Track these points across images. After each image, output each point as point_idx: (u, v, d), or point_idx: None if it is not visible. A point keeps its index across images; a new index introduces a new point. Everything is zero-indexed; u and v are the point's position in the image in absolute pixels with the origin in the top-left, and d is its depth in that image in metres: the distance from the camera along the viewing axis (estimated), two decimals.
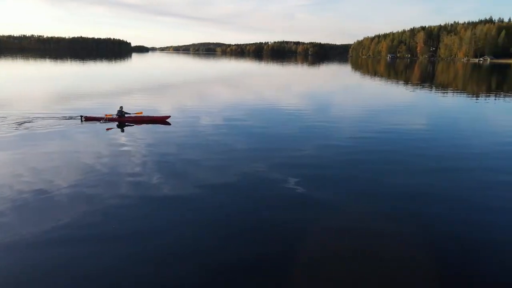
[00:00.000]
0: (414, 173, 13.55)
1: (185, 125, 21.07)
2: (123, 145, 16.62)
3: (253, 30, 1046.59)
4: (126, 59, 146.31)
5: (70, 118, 21.56)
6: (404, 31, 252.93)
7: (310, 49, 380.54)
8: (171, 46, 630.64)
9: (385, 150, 16.76)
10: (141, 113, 21.99)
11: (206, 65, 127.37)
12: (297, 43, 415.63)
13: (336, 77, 77.14)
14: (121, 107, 21.43)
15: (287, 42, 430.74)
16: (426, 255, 8.11)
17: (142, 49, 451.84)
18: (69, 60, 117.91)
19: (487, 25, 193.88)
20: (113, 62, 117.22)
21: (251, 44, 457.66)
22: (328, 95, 41.40)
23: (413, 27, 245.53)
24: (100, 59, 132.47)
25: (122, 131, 19.71)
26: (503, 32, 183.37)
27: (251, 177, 12.62)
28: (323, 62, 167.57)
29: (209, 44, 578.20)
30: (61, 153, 15.09)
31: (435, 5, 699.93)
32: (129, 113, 21.48)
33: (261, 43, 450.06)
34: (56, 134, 18.14)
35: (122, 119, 21.16)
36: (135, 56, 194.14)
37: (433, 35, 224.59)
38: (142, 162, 13.99)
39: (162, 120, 21.59)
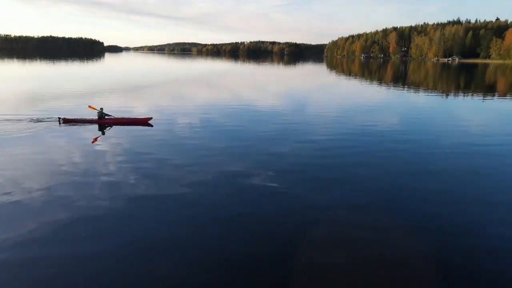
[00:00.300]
0: (389, 170, 13.93)
1: (167, 127, 20.72)
2: (104, 147, 16.24)
3: (229, 30, 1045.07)
4: (99, 59, 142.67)
5: (47, 120, 20.77)
6: (377, 32, 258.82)
7: (286, 49, 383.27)
8: (146, 46, 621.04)
9: (361, 147, 17.17)
10: (90, 106, 21.59)
11: (183, 65, 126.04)
12: (273, 43, 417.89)
13: (312, 77, 77.98)
14: (101, 109, 20.85)
15: (263, 42, 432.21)
16: (401, 248, 8.42)
17: (115, 49, 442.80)
18: (38, 60, 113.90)
19: (455, 26, 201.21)
20: (86, 62, 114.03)
21: (227, 44, 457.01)
22: (305, 94, 41.80)
23: (386, 28, 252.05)
24: (72, 59, 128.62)
25: (103, 133, 19.23)
26: (470, 33, 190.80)
27: (233, 177, 12.61)
28: (299, 62, 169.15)
29: (184, 44, 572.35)
30: (39, 156, 14.61)
31: (406, 6, 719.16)
32: (110, 115, 20.92)
33: (237, 43, 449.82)
34: (33, 137, 17.53)
35: (103, 121, 20.61)
36: (108, 56, 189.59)
37: (405, 36, 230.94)
38: (123, 164, 13.75)
39: (144, 122, 21.17)
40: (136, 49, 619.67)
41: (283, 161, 14.72)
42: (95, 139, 17.83)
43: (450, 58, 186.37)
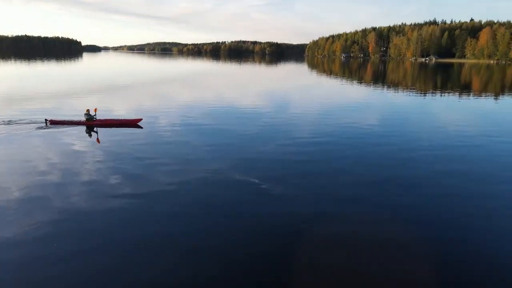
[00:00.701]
0: (370, 167, 14.19)
1: (157, 128, 20.33)
2: (92, 149, 15.88)
3: (210, 30, 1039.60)
4: (76, 59, 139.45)
5: (33, 122, 20.13)
6: (356, 32, 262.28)
7: (267, 49, 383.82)
8: (125, 46, 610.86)
9: (343, 145, 17.51)
10: (96, 109, 21.08)
11: (164, 65, 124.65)
12: (254, 42, 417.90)
13: (294, 76, 78.44)
14: (88, 110, 20.28)
15: (244, 42, 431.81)
16: (380, 240, 8.58)
17: (94, 49, 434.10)
18: (13, 60, 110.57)
19: (431, 26, 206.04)
20: (63, 62, 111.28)
21: (208, 43, 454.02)
22: (287, 94, 42.00)
23: (365, 28, 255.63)
24: (48, 59, 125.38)
25: (90, 135, 18.70)
26: (446, 33, 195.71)
27: (219, 176, 12.62)
28: (280, 62, 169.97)
29: (165, 43, 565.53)
30: (25, 158, 14.30)
31: (385, 6, 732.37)
32: (96, 117, 20.42)
33: (218, 43, 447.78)
34: (18, 139, 17.08)
35: (91, 123, 20.05)
36: (86, 56, 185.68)
37: (383, 36, 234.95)
38: (112, 166, 13.51)
39: (134, 124, 20.64)
40: (115, 48, 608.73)
41: (268, 160, 14.77)
42: (97, 140, 17.52)
43: (427, 58, 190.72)
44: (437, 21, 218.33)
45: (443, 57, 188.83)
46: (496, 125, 24.66)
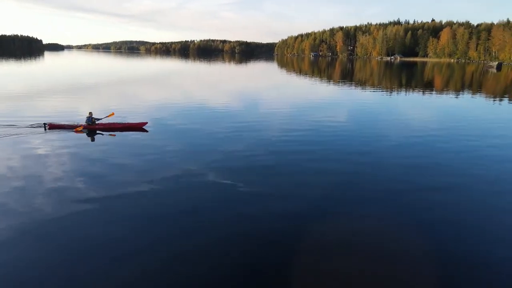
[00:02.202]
0: (340, 164, 14.47)
1: (162, 132, 19.52)
2: (95, 155, 15.07)
3: (177, 28, 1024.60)
4: (37, 58, 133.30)
5: (31, 126, 19.11)
6: (324, 31, 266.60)
7: (236, 48, 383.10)
8: (90, 44, 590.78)
9: (312, 142, 17.78)
10: (113, 113, 20.49)
11: (131, 64, 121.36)
12: (224, 41, 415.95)
13: (264, 75, 78.69)
14: (91, 113, 19.35)
15: (213, 41, 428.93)
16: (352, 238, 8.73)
17: (56, 47, 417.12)
18: None
19: (395, 26, 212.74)
20: (23, 61, 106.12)
21: (176, 42, 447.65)
22: (258, 92, 42.08)
23: (333, 27, 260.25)
24: (7, 58, 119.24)
25: (93, 140, 17.79)
26: (409, 33, 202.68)
27: (196, 177, 12.46)
28: (250, 61, 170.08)
29: (131, 42, 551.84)
30: (22, 165, 13.56)
31: (350, 7, 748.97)
32: (100, 119, 19.55)
33: (187, 42, 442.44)
34: (15, 144, 16.22)
35: (93, 127, 19.12)
36: (48, 55, 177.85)
37: (350, 35, 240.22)
38: (117, 174, 12.83)
39: (138, 127, 19.74)
40: (79, 47, 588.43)
41: (238, 159, 14.76)
42: (99, 144, 16.77)
43: (392, 57, 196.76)
44: (400, 21, 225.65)
45: (407, 56, 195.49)
46: (458, 120, 25.79)
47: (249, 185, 11.96)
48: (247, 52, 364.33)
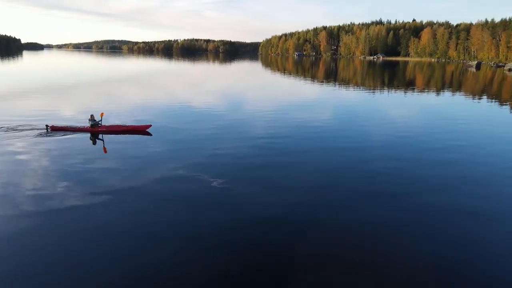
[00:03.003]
0: (325, 162, 14.63)
1: (166, 135, 18.99)
2: (97, 158, 14.70)
3: (161, 28, 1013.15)
4: (16, 58, 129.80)
5: (33, 128, 18.59)
6: (308, 31, 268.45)
7: (220, 47, 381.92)
8: (70, 44, 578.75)
9: (297, 143, 17.90)
10: (102, 114, 19.63)
11: (114, 63, 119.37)
12: (208, 41, 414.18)
13: (249, 75, 78.60)
14: (92, 116, 18.81)
15: (197, 40, 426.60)
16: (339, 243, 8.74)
17: (35, 47, 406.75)
18: None
19: (378, 26, 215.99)
20: (1, 61, 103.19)
21: (159, 41, 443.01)
22: (243, 92, 42.00)
23: (316, 27, 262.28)
24: None
25: (95, 143, 17.30)
26: (391, 33, 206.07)
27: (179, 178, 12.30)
28: (234, 60, 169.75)
29: (114, 41, 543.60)
30: (24, 168, 13.19)
31: (333, 6, 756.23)
32: (101, 122, 19.02)
33: (170, 41, 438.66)
34: (17, 147, 15.74)
35: (96, 129, 18.60)
36: (27, 55, 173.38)
37: (334, 35, 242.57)
38: (121, 178, 12.46)
39: (142, 130, 19.23)
40: (60, 46, 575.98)
41: (226, 160, 14.65)
42: (104, 149, 16.14)
43: (375, 56, 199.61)
44: (383, 21, 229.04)
45: (389, 55, 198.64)
46: (439, 118, 26.28)
47: (247, 186, 11.90)
48: (231, 51, 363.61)
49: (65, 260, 7.74)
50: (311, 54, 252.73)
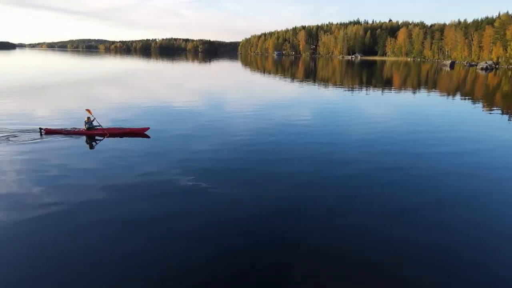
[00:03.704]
0: (305, 159, 14.77)
1: (165, 138, 18.41)
2: (93, 163, 14.18)
3: (138, 26, 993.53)
4: None
5: (26, 131, 17.86)
6: (287, 30, 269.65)
7: (199, 46, 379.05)
8: (44, 43, 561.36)
9: (276, 140, 18.10)
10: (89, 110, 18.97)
11: (91, 63, 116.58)
12: (187, 40, 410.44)
13: (229, 74, 78.29)
14: (89, 118, 18.11)
15: (176, 39, 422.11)
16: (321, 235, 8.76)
17: (7, 46, 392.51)
18: None
19: (355, 26, 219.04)
20: None
21: (137, 41, 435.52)
22: (224, 91, 41.80)
23: (295, 27, 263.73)
24: None
25: (92, 147, 16.71)
26: (369, 33, 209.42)
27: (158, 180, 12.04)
28: (214, 59, 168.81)
29: (90, 40, 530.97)
30: (16, 173, 12.72)
31: (311, 6, 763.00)
32: (100, 124, 18.34)
33: (148, 40, 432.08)
34: (9, 151, 15.11)
35: (92, 132, 17.92)
36: None
37: (313, 34, 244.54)
38: (118, 183, 12.09)
39: (140, 133, 18.60)
40: (33, 46, 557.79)
41: (202, 159, 14.55)
42: (98, 151, 15.79)
43: (353, 56, 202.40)
44: (360, 21, 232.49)
45: (367, 54, 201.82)
46: (416, 117, 26.94)
47: (232, 186, 11.77)
48: (211, 51, 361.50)
49: (64, 262, 7.69)
50: (291, 53, 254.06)
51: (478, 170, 14.35)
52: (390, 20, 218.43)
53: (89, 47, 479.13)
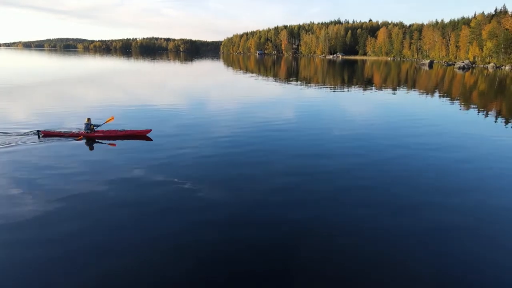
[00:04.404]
0: (287, 157, 14.86)
1: (167, 141, 17.74)
2: (92, 167, 13.61)
3: (118, 25, 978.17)
4: None
5: (23, 134, 17.20)
6: (269, 29, 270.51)
7: (181, 46, 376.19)
8: (20, 42, 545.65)
9: (260, 141, 18.03)
10: (113, 117, 18.59)
11: (69, 63, 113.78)
12: (168, 39, 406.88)
13: (210, 74, 77.71)
14: (89, 120, 17.46)
15: (157, 39, 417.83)
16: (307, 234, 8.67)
17: None
18: None
19: (336, 25, 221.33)
20: None
21: (117, 40, 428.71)
22: (206, 91, 41.40)
23: (277, 26, 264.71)
24: None
25: (92, 149, 16.11)
26: (349, 32, 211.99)
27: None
28: (195, 59, 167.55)
29: (68, 39, 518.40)
30: (13, 178, 12.23)
31: (293, 6, 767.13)
32: (100, 125, 17.72)
33: (128, 39, 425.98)
34: (7, 154, 14.60)
35: (91, 135, 17.30)
36: None
37: (295, 34, 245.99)
38: (119, 187, 11.75)
39: (142, 135, 18.01)
40: (8, 45, 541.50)
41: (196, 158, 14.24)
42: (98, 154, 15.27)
43: (335, 55, 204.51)
44: (341, 21, 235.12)
45: (348, 54, 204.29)
46: (396, 115, 27.24)
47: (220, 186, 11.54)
48: (192, 50, 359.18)
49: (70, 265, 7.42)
50: (273, 53, 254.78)
51: (460, 164, 14.63)
52: (370, 20, 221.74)
53: (67, 47, 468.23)
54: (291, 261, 7.97)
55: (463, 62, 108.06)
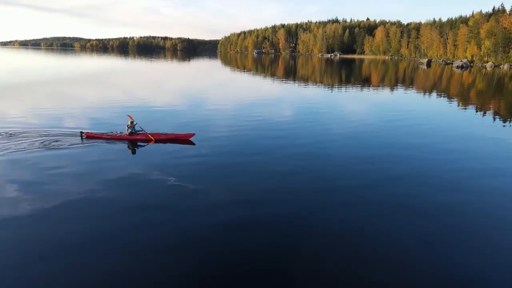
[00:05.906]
0: (284, 157, 14.89)
1: (210, 145, 17.26)
2: (134, 169, 13.41)
3: (115, 24, 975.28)
4: None
5: (67, 135, 17.13)
6: (267, 28, 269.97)
7: (178, 45, 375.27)
8: (16, 41, 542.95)
9: (259, 140, 18.01)
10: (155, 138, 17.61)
11: (67, 61, 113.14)
12: (165, 38, 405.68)
13: (208, 73, 77.43)
14: (132, 122, 17.10)
15: (154, 37, 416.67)
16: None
17: None
18: None
19: (334, 24, 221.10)
20: None
21: (114, 39, 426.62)
22: (205, 90, 41.11)
23: (275, 25, 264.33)
24: None
25: (134, 152, 15.83)
26: (347, 31, 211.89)
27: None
28: (193, 58, 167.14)
29: (65, 38, 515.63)
30: (58, 178, 12.34)
31: (290, 5, 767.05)
32: (143, 129, 17.31)
33: (126, 38, 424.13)
34: (51, 156, 14.54)
35: (134, 137, 17.00)
36: None
37: (292, 33, 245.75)
38: (156, 188, 11.61)
39: (185, 139, 17.53)
40: (4, 44, 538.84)
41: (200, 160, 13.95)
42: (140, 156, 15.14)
43: (332, 54, 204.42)
44: (339, 20, 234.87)
45: (346, 53, 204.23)
46: (395, 114, 26.98)
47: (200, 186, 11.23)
48: (190, 49, 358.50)
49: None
50: (270, 51, 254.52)
51: (460, 163, 14.42)
52: (368, 19, 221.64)
53: (64, 45, 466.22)
54: (291, 261, 7.84)
55: (461, 61, 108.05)
